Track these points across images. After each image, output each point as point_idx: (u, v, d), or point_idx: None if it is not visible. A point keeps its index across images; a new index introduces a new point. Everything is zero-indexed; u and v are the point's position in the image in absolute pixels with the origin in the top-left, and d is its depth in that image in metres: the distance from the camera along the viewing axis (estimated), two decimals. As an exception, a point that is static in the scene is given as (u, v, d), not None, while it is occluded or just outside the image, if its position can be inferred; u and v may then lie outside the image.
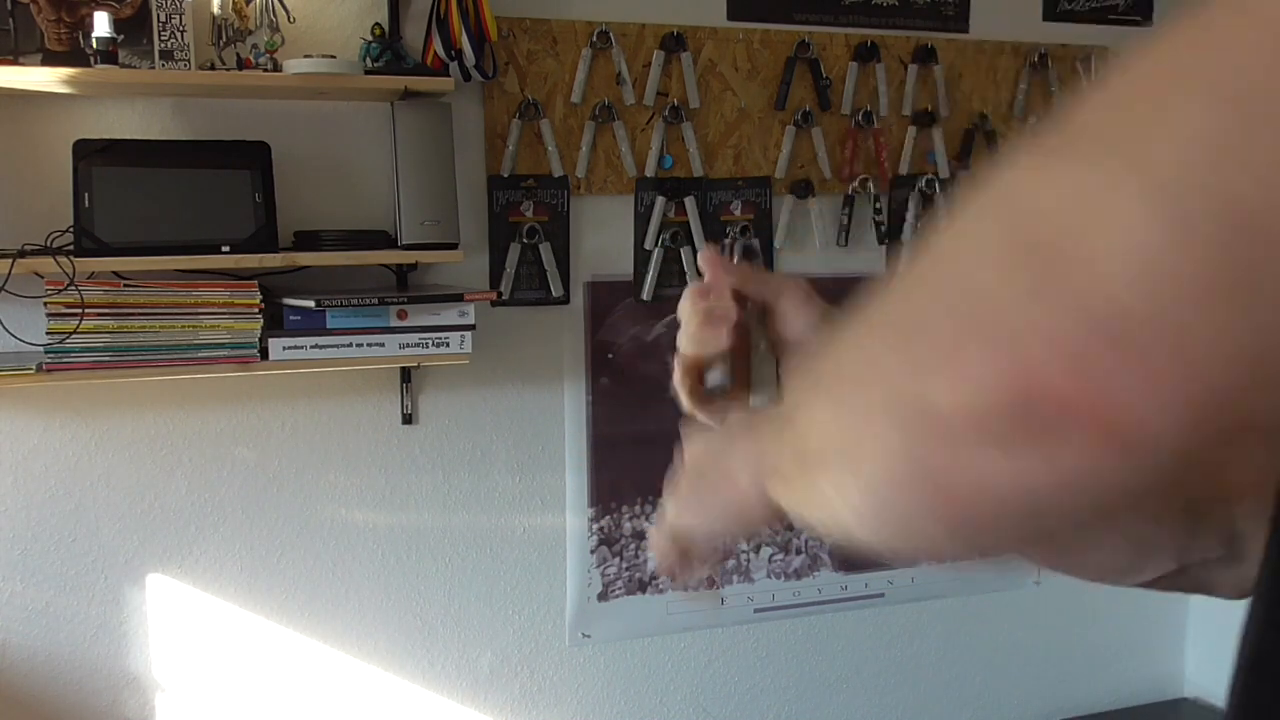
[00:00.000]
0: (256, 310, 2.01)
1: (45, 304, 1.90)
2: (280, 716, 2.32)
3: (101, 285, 1.93)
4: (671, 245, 2.45)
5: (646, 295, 2.46)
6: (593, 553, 2.52)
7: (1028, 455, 0.37)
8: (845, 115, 2.57)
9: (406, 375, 2.31)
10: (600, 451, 2.49)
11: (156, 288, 1.97)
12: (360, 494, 2.33)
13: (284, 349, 2.05)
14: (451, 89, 2.12)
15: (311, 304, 2.02)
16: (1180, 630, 3.10)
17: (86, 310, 1.90)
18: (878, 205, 2.61)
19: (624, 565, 2.54)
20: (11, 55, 1.89)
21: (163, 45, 1.94)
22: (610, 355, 2.46)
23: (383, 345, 2.10)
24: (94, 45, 1.87)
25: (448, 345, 2.14)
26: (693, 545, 0.69)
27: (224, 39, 2.03)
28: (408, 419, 2.33)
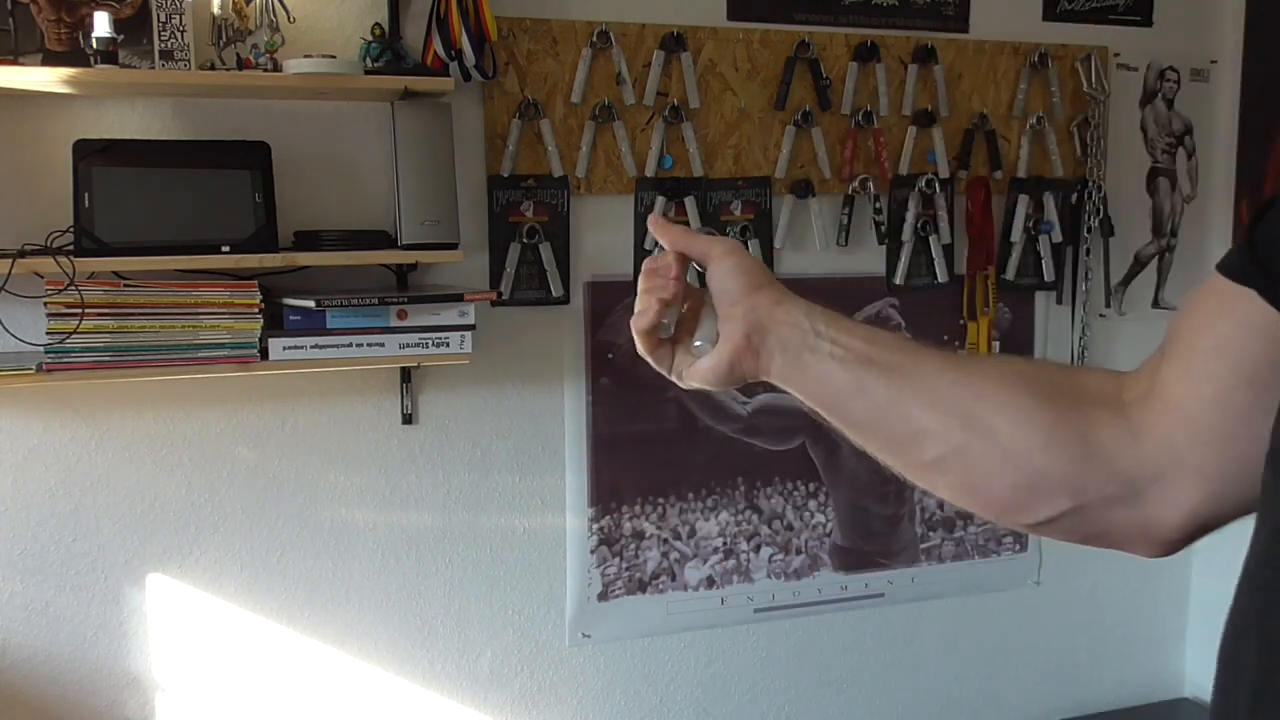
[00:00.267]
0: (256, 310, 2.01)
1: (45, 304, 1.90)
2: (280, 716, 2.32)
3: (101, 285, 1.93)
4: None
5: (646, 295, 2.46)
6: (593, 553, 2.52)
7: None
8: (845, 115, 2.57)
9: (406, 375, 2.31)
10: (600, 451, 2.49)
11: (156, 288, 1.97)
12: (360, 494, 2.33)
13: (284, 349, 2.05)
14: (451, 89, 2.12)
15: (311, 304, 2.02)
16: (1180, 630, 3.10)
17: (86, 310, 1.90)
18: (878, 205, 2.61)
19: (624, 565, 2.55)
20: (11, 55, 1.89)
21: (163, 45, 1.94)
22: (610, 355, 2.46)
23: (383, 345, 2.10)
24: (94, 45, 1.86)
25: (448, 345, 2.14)
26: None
27: (224, 39, 2.03)
28: (408, 419, 2.33)
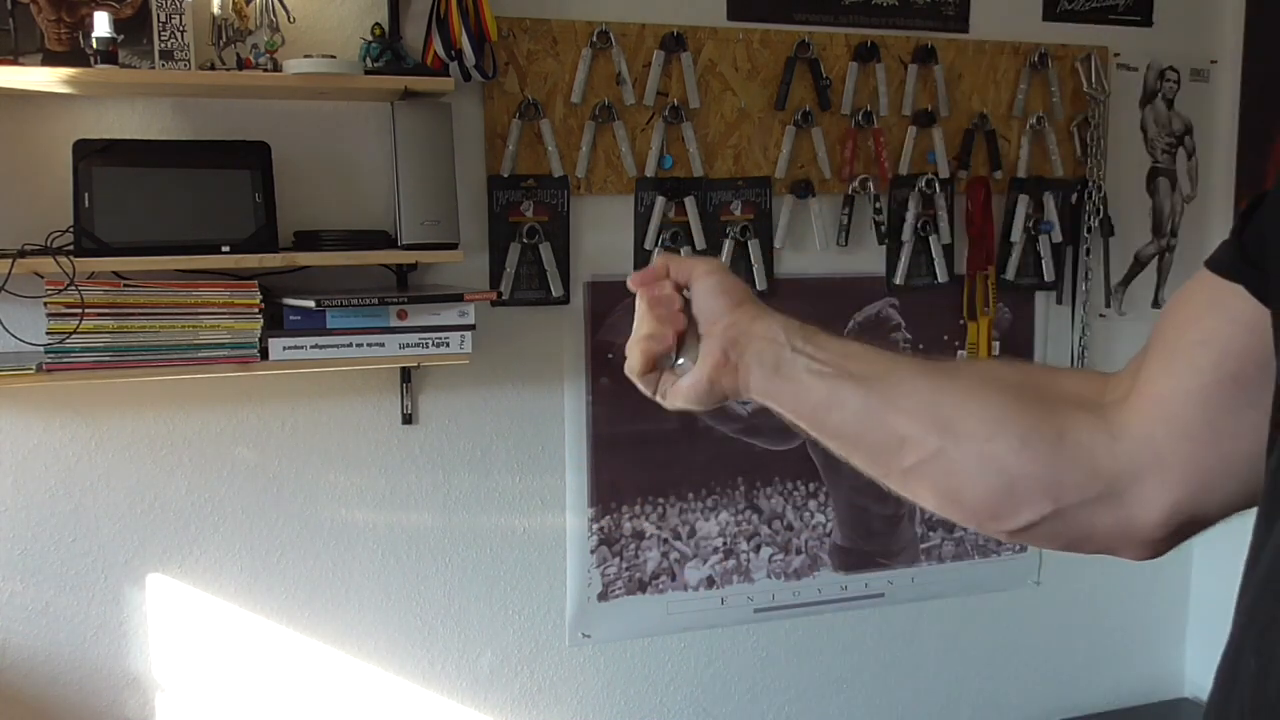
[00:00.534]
0: (256, 310, 2.01)
1: (45, 304, 1.90)
2: (280, 716, 2.32)
3: (101, 285, 1.93)
4: (672, 245, 2.45)
5: (646, 295, 2.46)
6: (593, 553, 2.52)
7: None
8: (845, 115, 2.57)
9: (406, 375, 2.31)
10: (600, 451, 2.49)
11: (156, 288, 1.97)
12: (360, 494, 2.33)
13: (284, 349, 2.05)
14: (451, 89, 2.12)
15: (311, 304, 2.02)
16: (1180, 630, 3.10)
17: (86, 310, 1.90)
18: (878, 205, 2.61)
19: (624, 565, 2.54)
20: (11, 55, 1.89)
21: (163, 45, 1.94)
22: (610, 355, 2.46)
23: (383, 345, 2.10)
24: (94, 45, 1.86)
25: (448, 345, 2.14)
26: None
27: (224, 39, 2.03)
28: (408, 419, 2.33)
